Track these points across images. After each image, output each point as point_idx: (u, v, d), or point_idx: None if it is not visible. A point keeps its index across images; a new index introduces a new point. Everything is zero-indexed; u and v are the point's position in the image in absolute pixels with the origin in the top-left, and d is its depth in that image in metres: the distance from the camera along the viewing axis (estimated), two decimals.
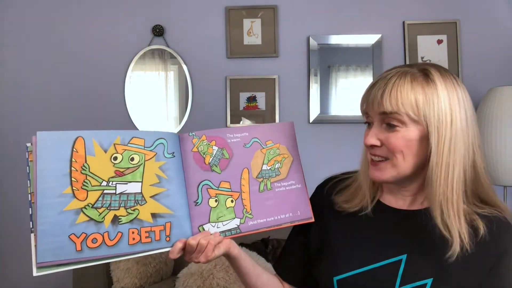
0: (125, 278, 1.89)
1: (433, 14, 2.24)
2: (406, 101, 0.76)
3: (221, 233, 0.83)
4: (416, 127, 0.77)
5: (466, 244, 0.75)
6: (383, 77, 0.80)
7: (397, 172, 0.80)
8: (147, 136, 0.81)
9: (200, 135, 0.87)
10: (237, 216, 0.85)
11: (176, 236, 0.79)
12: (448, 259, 0.76)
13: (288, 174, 0.91)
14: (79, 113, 2.30)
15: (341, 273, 0.83)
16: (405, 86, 0.77)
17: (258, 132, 0.91)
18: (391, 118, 0.77)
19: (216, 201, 0.85)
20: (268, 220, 0.87)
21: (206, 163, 0.86)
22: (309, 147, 2.25)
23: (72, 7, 2.30)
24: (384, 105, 0.77)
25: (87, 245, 0.73)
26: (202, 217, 0.83)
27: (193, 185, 0.84)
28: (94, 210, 0.74)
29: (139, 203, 0.77)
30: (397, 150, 0.78)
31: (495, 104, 1.90)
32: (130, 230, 0.76)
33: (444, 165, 0.76)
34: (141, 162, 0.79)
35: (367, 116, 0.83)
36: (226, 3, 2.28)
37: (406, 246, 0.82)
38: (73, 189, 0.73)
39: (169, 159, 0.82)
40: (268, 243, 1.93)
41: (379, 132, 0.80)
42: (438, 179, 0.76)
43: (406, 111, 0.76)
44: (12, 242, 2.28)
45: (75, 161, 0.74)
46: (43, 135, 0.74)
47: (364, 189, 0.87)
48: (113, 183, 0.76)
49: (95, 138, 0.76)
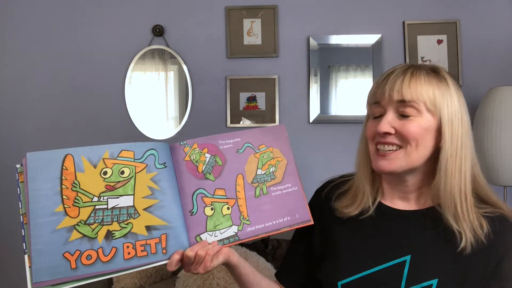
0: (125, 278, 1.89)
1: (433, 14, 2.24)
2: (425, 91, 0.78)
3: (219, 241, 0.82)
4: (431, 117, 0.79)
5: (479, 236, 0.77)
6: (397, 68, 0.82)
7: (407, 162, 0.80)
8: (137, 148, 0.80)
9: (191, 144, 0.86)
10: (234, 223, 0.84)
11: (173, 247, 0.78)
12: (459, 255, 0.77)
13: (284, 177, 0.90)
14: (79, 113, 2.30)
15: (345, 277, 0.83)
16: (423, 78, 0.79)
17: (250, 137, 0.90)
18: (408, 106, 0.79)
19: (212, 209, 0.83)
20: (267, 225, 0.85)
21: (199, 172, 0.84)
22: (309, 147, 2.25)
23: (72, 7, 2.30)
24: (403, 93, 0.78)
25: (82, 262, 0.72)
26: (198, 226, 0.81)
27: (188, 194, 0.82)
28: (86, 226, 0.74)
29: (132, 216, 0.76)
30: (412, 137, 0.79)
31: (495, 104, 1.90)
32: (125, 244, 0.75)
33: (458, 159, 0.79)
34: (131, 175, 0.78)
35: (375, 107, 0.83)
36: (226, 3, 2.28)
37: (410, 247, 0.82)
38: (64, 207, 0.73)
39: (161, 170, 0.81)
40: (268, 243, 1.93)
41: (393, 120, 0.80)
42: (453, 173, 0.78)
43: (424, 100, 0.78)
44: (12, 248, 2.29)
45: (65, 178, 0.74)
46: (33, 156, 0.74)
47: (365, 191, 0.87)
48: (104, 198, 0.76)
49: (83, 154, 0.77)
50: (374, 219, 0.86)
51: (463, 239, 0.77)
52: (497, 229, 0.79)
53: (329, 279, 0.86)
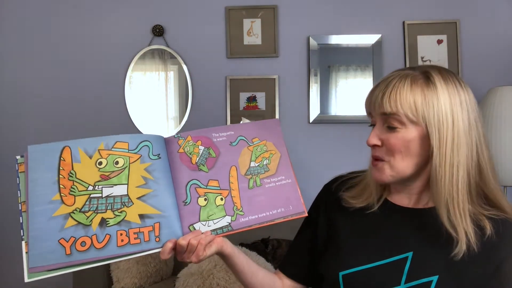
0: (125, 278, 1.90)
1: (433, 14, 2.24)
2: (405, 102, 0.78)
3: (212, 231, 0.82)
4: (415, 128, 0.79)
5: (472, 243, 0.76)
6: (384, 79, 0.83)
7: (396, 173, 0.81)
8: (131, 140, 0.82)
9: (185, 136, 0.87)
10: (227, 214, 0.84)
11: (166, 236, 0.79)
12: (454, 257, 0.77)
13: (277, 169, 0.90)
14: (79, 113, 2.30)
15: (347, 268, 0.84)
16: (405, 88, 0.79)
17: (243, 130, 0.91)
18: (391, 119, 0.79)
19: (205, 200, 0.84)
20: (260, 216, 0.86)
21: (193, 163, 0.86)
22: (309, 147, 2.25)
23: (72, 7, 2.31)
24: (384, 106, 0.79)
25: (76, 248, 0.74)
26: (192, 216, 0.82)
27: (181, 185, 0.84)
28: (81, 214, 0.76)
29: (126, 205, 0.78)
30: (396, 150, 0.80)
31: (495, 104, 1.90)
32: (118, 232, 0.76)
33: (448, 166, 0.77)
34: (125, 165, 0.80)
35: (371, 117, 0.85)
36: (226, 3, 2.28)
37: (413, 243, 0.82)
38: (61, 195, 0.76)
39: (155, 161, 0.82)
40: (268, 243, 1.93)
41: (380, 133, 0.82)
42: (443, 180, 0.77)
43: (405, 112, 0.78)
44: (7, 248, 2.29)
45: (62, 169, 0.78)
46: (34, 148, 0.78)
47: (371, 188, 0.88)
48: (99, 187, 0.78)
49: (80, 146, 0.80)
50: (379, 215, 0.87)
51: (458, 243, 0.76)
52: (500, 231, 0.79)
53: (331, 269, 0.86)
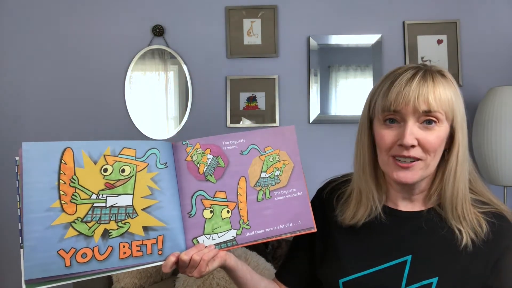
0: (125, 278, 1.89)
1: (433, 14, 2.24)
2: (445, 99, 0.76)
3: (216, 245, 0.80)
4: (447, 125, 0.78)
5: (479, 234, 0.78)
6: (410, 71, 0.77)
7: (426, 172, 0.80)
8: (139, 147, 0.78)
9: (194, 144, 0.84)
10: (233, 227, 0.82)
11: (169, 249, 0.77)
12: (461, 253, 0.78)
13: (289, 181, 0.86)
14: (78, 113, 2.30)
15: (347, 275, 0.83)
16: (443, 85, 0.77)
17: (256, 138, 0.87)
18: (431, 116, 0.76)
19: (211, 212, 0.82)
20: (267, 231, 0.83)
21: (200, 173, 0.83)
22: (309, 147, 2.25)
23: (71, 7, 2.30)
24: (430, 103, 0.75)
25: (77, 260, 0.71)
26: (196, 229, 0.80)
27: (187, 196, 0.81)
28: (83, 224, 0.72)
29: (130, 216, 0.75)
30: (432, 148, 0.77)
31: (495, 104, 1.90)
32: (121, 244, 0.74)
33: (466, 162, 0.79)
34: (132, 174, 0.76)
35: (391, 114, 0.78)
36: (226, 3, 2.28)
37: (411, 247, 0.82)
38: (61, 203, 0.71)
39: (162, 170, 0.79)
40: (268, 243, 1.93)
41: (416, 131, 0.77)
42: (461, 176, 0.79)
43: (445, 110, 0.77)
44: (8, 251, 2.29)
45: (63, 173, 0.72)
46: (29, 146, 0.71)
47: (372, 196, 0.85)
48: (103, 196, 0.74)
49: (84, 149, 0.74)
50: (376, 220, 0.86)
51: (463, 237, 0.77)
52: (495, 227, 0.79)
53: (330, 276, 0.86)
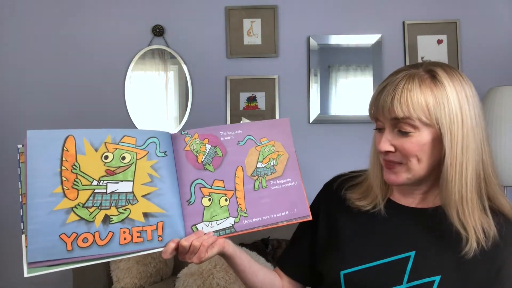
0: (125, 278, 1.89)
1: (433, 14, 2.24)
2: (417, 105, 0.75)
3: (215, 232, 0.82)
4: (428, 130, 0.77)
5: (482, 241, 0.76)
6: (390, 82, 0.79)
7: (412, 175, 0.80)
8: (139, 135, 0.79)
9: (192, 134, 0.85)
10: (231, 215, 0.84)
11: (168, 235, 0.78)
12: (458, 258, 0.77)
13: (284, 171, 0.89)
14: (79, 113, 2.30)
15: (349, 267, 0.83)
16: (415, 90, 0.76)
17: (252, 129, 0.89)
18: (403, 123, 0.77)
19: (209, 200, 0.83)
20: (264, 219, 0.85)
21: (199, 162, 0.84)
22: (309, 147, 2.25)
23: (72, 7, 2.31)
24: (395, 111, 0.76)
25: (78, 244, 0.72)
26: (195, 216, 0.82)
27: (186, 184, 0.82)
28: (84, 209, 0.73)
29: (130, 202, 0.76)
30: (411, 154, 0.78)
31: (495, 104, 1.90)
32: (122, 229, 0.75)
33: (458, 165, 0.76)
34: (132, 161, 0.78)
35: (376, 121, 0.83)
36: (226, 3, 2.28)
37: (415, 243, 0.82)
38: (63, 189, 0.72)
39: (161, 158, 0.81)
40: (268, 243, 1.94)
41: (392, 138, 0.79)
42: (453, 179, 0.76)
43: (418, 116, 0.75)
44: (9, 243, 2.28)
45: (65, 160, 0.73)
46: (34, 134, 0.72)
47: (375, 190, 0.87)
48: (104, 182, 0.75)
49: (85, 137, 0.75)
50: (382, 214, 0.86)
51: (468, 240, 0.76)
52: (503, 232, 0.78)
53: (332, 268, 0.86)
